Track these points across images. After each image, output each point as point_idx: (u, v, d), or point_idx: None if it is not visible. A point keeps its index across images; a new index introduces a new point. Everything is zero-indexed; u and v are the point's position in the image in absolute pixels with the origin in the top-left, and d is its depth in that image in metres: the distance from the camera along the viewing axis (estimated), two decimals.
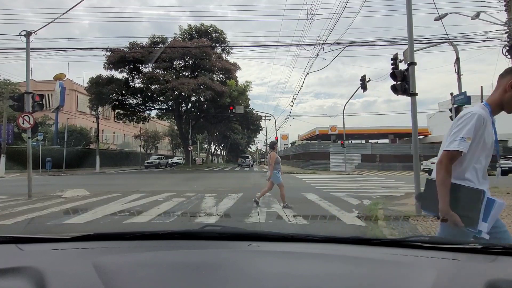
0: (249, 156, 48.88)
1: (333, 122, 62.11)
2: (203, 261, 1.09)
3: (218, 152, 71.31)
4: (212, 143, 59.95)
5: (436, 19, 11.49)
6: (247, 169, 35.54)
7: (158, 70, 28.94)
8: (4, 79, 28.79)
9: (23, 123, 9.38)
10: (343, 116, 25.91)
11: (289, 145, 53.49)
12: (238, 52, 58.01)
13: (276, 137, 35.85)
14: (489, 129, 1.84)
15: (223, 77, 32.16)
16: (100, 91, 27.48)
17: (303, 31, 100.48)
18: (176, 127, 43.19)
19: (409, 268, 1.03)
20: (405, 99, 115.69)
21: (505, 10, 10.54)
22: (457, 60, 11.03)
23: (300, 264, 1.09)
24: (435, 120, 39.09)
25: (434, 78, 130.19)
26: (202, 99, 30.70)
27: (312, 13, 18.02)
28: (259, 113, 43.03)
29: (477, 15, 11.46)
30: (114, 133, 44.87)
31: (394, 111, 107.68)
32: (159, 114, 38.47)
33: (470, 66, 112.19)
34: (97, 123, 30.80)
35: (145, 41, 30.11)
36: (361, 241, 1.38)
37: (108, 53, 26.70)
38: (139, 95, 31.53)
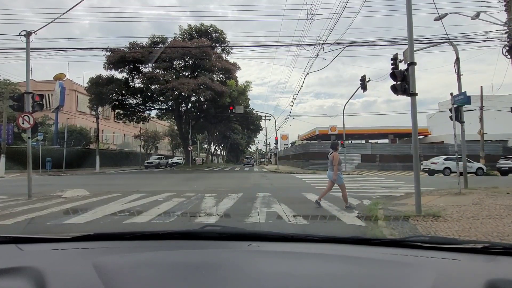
0: (252, 157, 62.19)
1: (333, 122, 62.10)
2: (203, 261, 1.09)
3: (218, 152, 71.34)
4: (212, 143, 59.95)
5: (436, 19, 11.48)
6: (247, 169, 35.57)
7: (158, 70, 28.92)
8: (4, 79, 28.82)
9: (23, 123, 9.37)
10: (343, 116, 25.94)
11: (289, 145, 53.49)
12: (238, 52, 58.01)
13: (276, 137, 35.90)
14: None
15: (223, 77, 32.15)
16: (100, 91, 27.46)
17: (303, 31, 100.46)
18: (176, 127, 43.19)
19: (409, 268, 1.03)
20: (405, 99, 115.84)
21: (505, 10, 10.55)
22: (457, 60, 11.01)
23: (300, 264, 1.09)
24: (435, 120, 39.11)
25: (434, 78, 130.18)
26: (202, 99, 30.70)
27: (312, 13, 18.03)
28: (259, 113, 43.09)
29: (477, 15, 11.45)
30: (114, 133, 44.85)
31: (394, 111, 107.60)
32: (159, 114, 38.47)
33: (470, 66, 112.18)
34: (97, 123, 30.79)
35: (145, 41, 30.11)
36: (361, 241, 1.38)
37: (108, 53, 26.67)
38: (139, 95, 31.52)
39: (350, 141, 37.75)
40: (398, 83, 6.26)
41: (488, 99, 25.99)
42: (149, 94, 30.73)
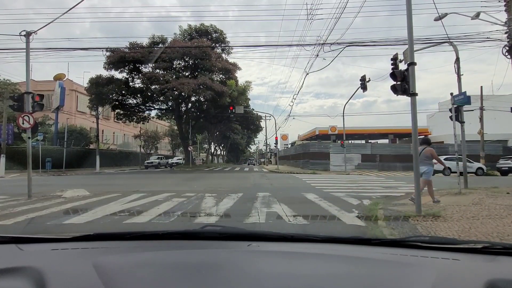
0: (254, 158, 78.51)
1: (333, 122, 62.08)
2: (203, 261, 1.09)
3: (218, 152, 71.31)
4: (212, 143, 59.92)
5: (436, 19, 11.48)
6: (247, 169, 35.63)
7: (158, 70, 28.92)
8: (4, 79, 28.80)
9: (23, 123, 9.37)
10: (343, 116, 25.94)
11: (289, 145, 53.51)
12: (238, 52, 58.11)
13: (276, 137, 35.90)
14: None
15: (223, 77, 32.15)
16: (100, 91, 27.46)
17: (303, 31, 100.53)
18: (176, 127, 43.20)
19: (409, 268, 1.03)
20: (405, 99, 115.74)
21: (505, 10, 10.55)
22: (457, 60, 11.01)
23: (300, 264, 1.09)
24: (435, 120, 39.12)
25: (434, 78, 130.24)
26: (202, 99, 30.69)
27: (312, 13, 18.02)
28: (259, 113, 43.16)
29: (477, 15, 11.45)
30: (114, 133, 44.85)
31: (394, 111, 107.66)
32: (159, 114, 38.46)
33: (470, 66, 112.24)
34: (97, 123, 30.79)
35: (145, 41, 30.10)
36: (361, 241, 1.38)
37: (108, 53, 26.67)
38: (139, 95, 31.52)
39: (350, 141, 37.74)
40: (398, 83, 6.26)
41: (488, 99, 25.98)
42: (149, 94, 30.73)
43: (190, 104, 34.95)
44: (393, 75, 6.37)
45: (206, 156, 57.57)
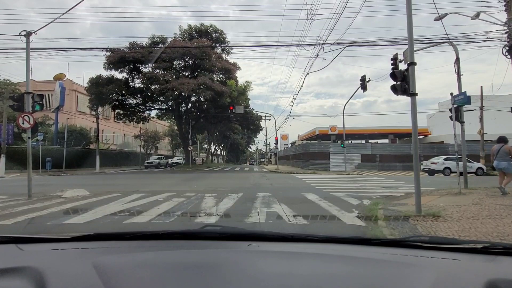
0: (253, 159, 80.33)
1: (333, 122, 62.04)
2: (203, 261, 1.09)
3: (218, 152, 71.34)
4: (212, 143, 59.95)
5: (436, 19, 11.48)
6: (247, 169, 35.65)
7: (158, 70, 28.91)
8: (4, 79, 28.82)
9: (23, 123, 9.37)
10: (343, 116, 25.93)
11: (289, 145, 53.51)
12: (238, 52, 58.07)
13: (276, 137, 35.92)
14: None
15: (223, 77, 32.16)
16: (100, 91, 27.44)
17: (303, 31, 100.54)
18: (176, 127, 43.21)
19: (409, 268, 1.03)
20: (405, 99, 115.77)
21: (505, 10, 10.54)
22: (457, 60, 11.00)
23: (300, 264, 1.09)
24: (435, 120, 39.10)
25: (434, 78, 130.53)
26: (202, 99, 30.70)
27: (312, 13, 18.02)
28: (259, 113, 43.12)
29: (477, 15, 11.45)
30: (114, 133, 44.85)
31: (394, 111, 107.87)
32: (159, 114, 38.47)
33: (470, 66, 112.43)
34: (97, 123, 30.79)
35: (145, 41, 30.10)
36: (361, 241, 1.38)
37: (108, 53, 26.64)
38: (139, 95, 31.51)
39: (350, 141, 37.75)
40: (398, 83, 6.26)
41: (488, 99, 25.95)
42: (149, 94, 30.72)
43: (190, 104, 34.95)
44: (393, 75, 6.37)
45: (206, 156, 57.61)
